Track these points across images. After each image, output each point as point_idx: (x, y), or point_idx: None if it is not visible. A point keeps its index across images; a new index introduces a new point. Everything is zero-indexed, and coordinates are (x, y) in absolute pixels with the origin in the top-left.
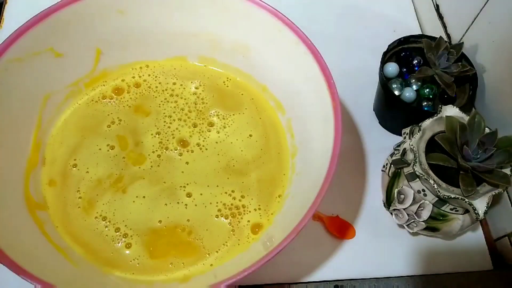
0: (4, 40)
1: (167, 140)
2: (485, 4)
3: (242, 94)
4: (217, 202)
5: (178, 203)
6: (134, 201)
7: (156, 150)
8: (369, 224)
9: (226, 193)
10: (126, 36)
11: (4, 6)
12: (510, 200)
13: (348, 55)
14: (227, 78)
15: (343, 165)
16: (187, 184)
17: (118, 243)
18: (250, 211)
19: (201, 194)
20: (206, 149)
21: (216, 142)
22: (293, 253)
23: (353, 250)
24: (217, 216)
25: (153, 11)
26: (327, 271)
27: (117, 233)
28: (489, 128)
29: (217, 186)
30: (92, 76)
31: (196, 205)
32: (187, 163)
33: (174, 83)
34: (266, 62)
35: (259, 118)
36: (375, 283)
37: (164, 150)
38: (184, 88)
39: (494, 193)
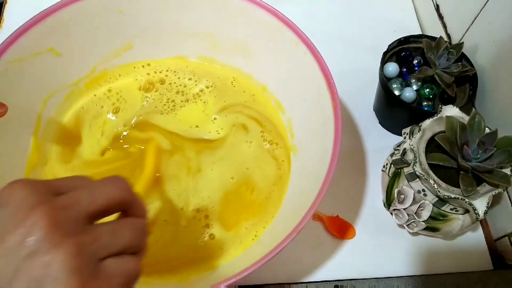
0: (4, 40)
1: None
2: (485, 4)
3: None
4: None
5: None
6: None
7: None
8: (369, 224)
9: None
10: (126, 36)
11: (4, 6)
12: (510, 200)
13: (348, 55)
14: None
15: (343, 165)
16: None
17: None
18: None
19: None
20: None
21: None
22: (293, 253)
23: (353, 250)
24: None
25: (153, 11)
26: (327, 271)
27: None
28: (489, 128)
29: None
30: (92, 76)
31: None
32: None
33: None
34: (266, 62)
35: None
36: (375, 283)
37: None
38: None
39: (494, 193)
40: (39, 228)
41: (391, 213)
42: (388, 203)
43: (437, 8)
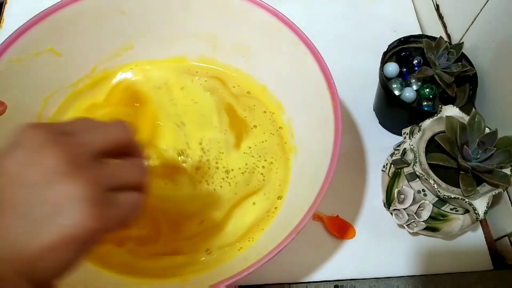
0: (4, 40)
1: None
2: (485, 4)
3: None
4: None
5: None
6: None
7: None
8: (369, 224)
9: None
10: (126, 36)
11: (4, 6)
12: (510, 200)
13: (348, 55)
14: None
15: (343, 165)
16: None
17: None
18: None
19: None
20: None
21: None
22: (293, 253)
23: (353, 250)
24: None
25: (153, 11)
26: (327, 271)
27: None
28: (489, 128)
29: None
30: (92, 76)
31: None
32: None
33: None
34: (266, 62)
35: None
36: (375, 283)
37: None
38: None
39: (494, 193)
40: (56, 162)
41: (391, 213)
42: (388, 203)
43: (437, 8)
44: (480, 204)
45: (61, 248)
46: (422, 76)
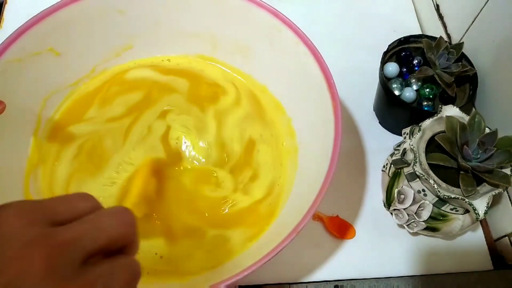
0: (4, 40)
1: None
2: (485, 4)
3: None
4: None
5: None
6: None
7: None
8: (369, 224)
9: None
10: (126, 36)
11: (4, 6)
12: (510, 200)
13: (348, 55)
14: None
15: (343, 165)
16: None
17: None
18: None
19: None
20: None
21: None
22: (293, 253)
23: (353, 250)
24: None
25: (153, 11)
26: (327, 271)
27: None
28: (489, 128)
29: None
30: (92, 76)
31: None
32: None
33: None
34: (266, 62)
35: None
36: (375, 283)
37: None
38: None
39: (494, 193)
40: (33, 272)
41: (391, 213)
42: (388, 203)
43: (437, 8)
44: (480, 204)
45: None
46: (422, 76)
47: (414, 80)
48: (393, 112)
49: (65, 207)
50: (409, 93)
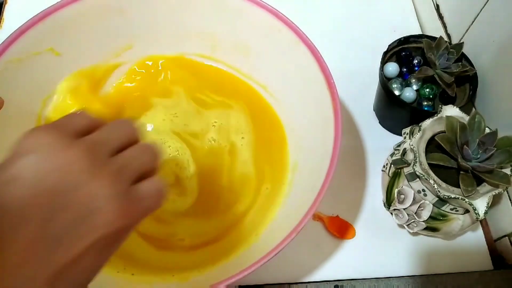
0: (4, 40)
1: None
2: (485, 4)
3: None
4: None
5: None
6: None
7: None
8: (369, 224)
9: None
10: (126, 36)
11: (4, 6)
12: (510, 200)
13: (348, 55)
14: None
15: (343, 165)
16: None
17: None
18: None
19: None
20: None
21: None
22: (293, 253)
23: (353, 250)
24: None
25: (153, 10)
26: (327, 271)
27: None
28: (489, 128)
29: None
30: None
31: None
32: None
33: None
34: (266, 62)
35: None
36: (375, 283)
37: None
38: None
39: (494, 193)
40: (79, 163)
41: (391, 213)
42: (388, 203)
43: (437, 8)
44: (480, 204)
45: (93, 251)
46: (422, 76)
47: (414, 80)
48: (393, 112)
49: (80, 120)
50: (409, 93)
